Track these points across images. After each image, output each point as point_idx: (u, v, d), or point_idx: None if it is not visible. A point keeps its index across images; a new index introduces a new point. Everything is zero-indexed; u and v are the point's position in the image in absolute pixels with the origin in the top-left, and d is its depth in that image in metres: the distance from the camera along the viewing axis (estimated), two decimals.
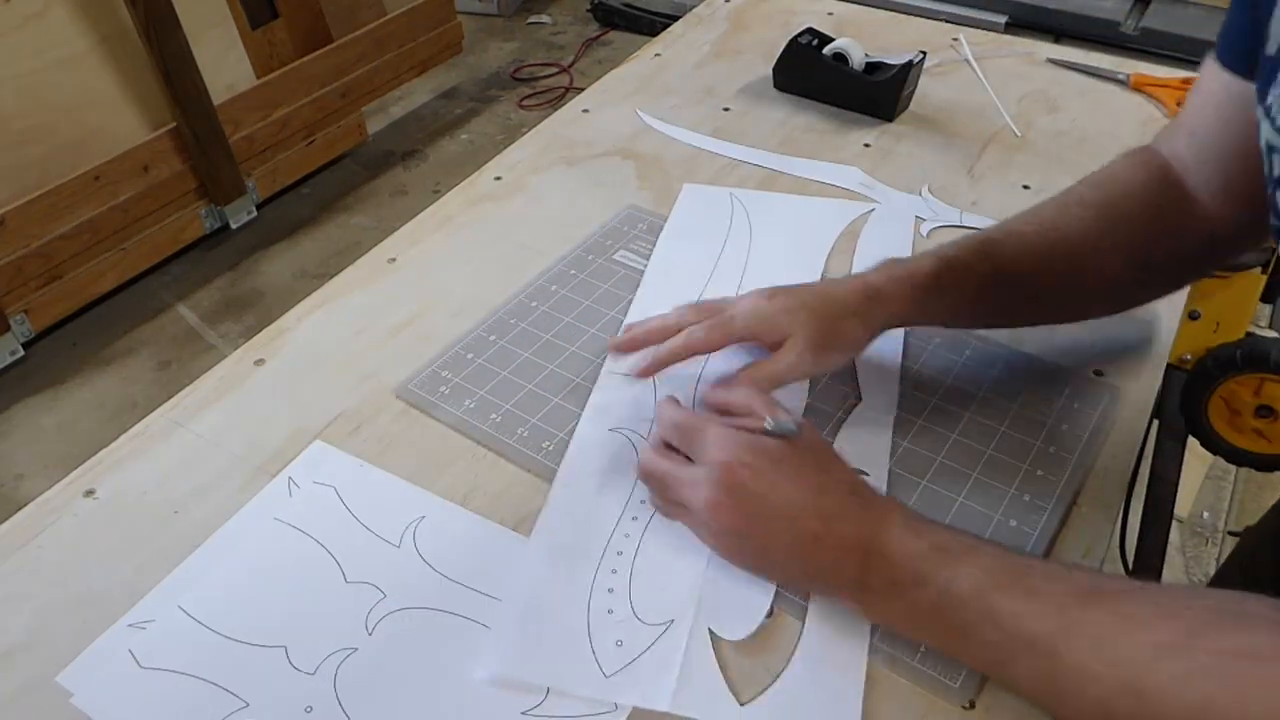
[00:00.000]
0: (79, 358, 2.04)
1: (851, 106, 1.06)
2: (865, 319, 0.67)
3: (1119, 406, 0.71)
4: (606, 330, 0.79)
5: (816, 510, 0.56)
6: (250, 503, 0.65)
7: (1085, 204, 0.69)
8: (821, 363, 0.67)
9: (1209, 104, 0.65)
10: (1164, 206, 0.67)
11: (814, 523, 0.55)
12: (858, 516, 0.55)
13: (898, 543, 0.53)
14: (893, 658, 0.55)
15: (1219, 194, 0.66)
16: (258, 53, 2.27)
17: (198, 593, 0.60)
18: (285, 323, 0.81)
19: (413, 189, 2.51)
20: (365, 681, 0.55)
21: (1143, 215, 0.68)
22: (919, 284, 0.67)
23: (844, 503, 0.56)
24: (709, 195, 0.94)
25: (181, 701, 0.54)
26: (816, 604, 0.58)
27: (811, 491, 0.56)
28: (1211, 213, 0.66)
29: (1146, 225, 0.67)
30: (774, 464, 0.57)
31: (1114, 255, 0.68)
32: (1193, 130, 0.67)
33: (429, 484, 0.66)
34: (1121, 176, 0.70)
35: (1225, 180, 0.65)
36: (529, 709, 0.54)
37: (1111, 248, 0.67)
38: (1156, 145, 0.71)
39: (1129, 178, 0.69)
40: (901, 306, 0.67)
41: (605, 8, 3.19)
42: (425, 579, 0.60)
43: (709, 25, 1.26)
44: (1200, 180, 0.67)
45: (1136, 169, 0.70)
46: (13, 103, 1.84)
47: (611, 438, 0.68)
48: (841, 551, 0.54)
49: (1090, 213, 0.68)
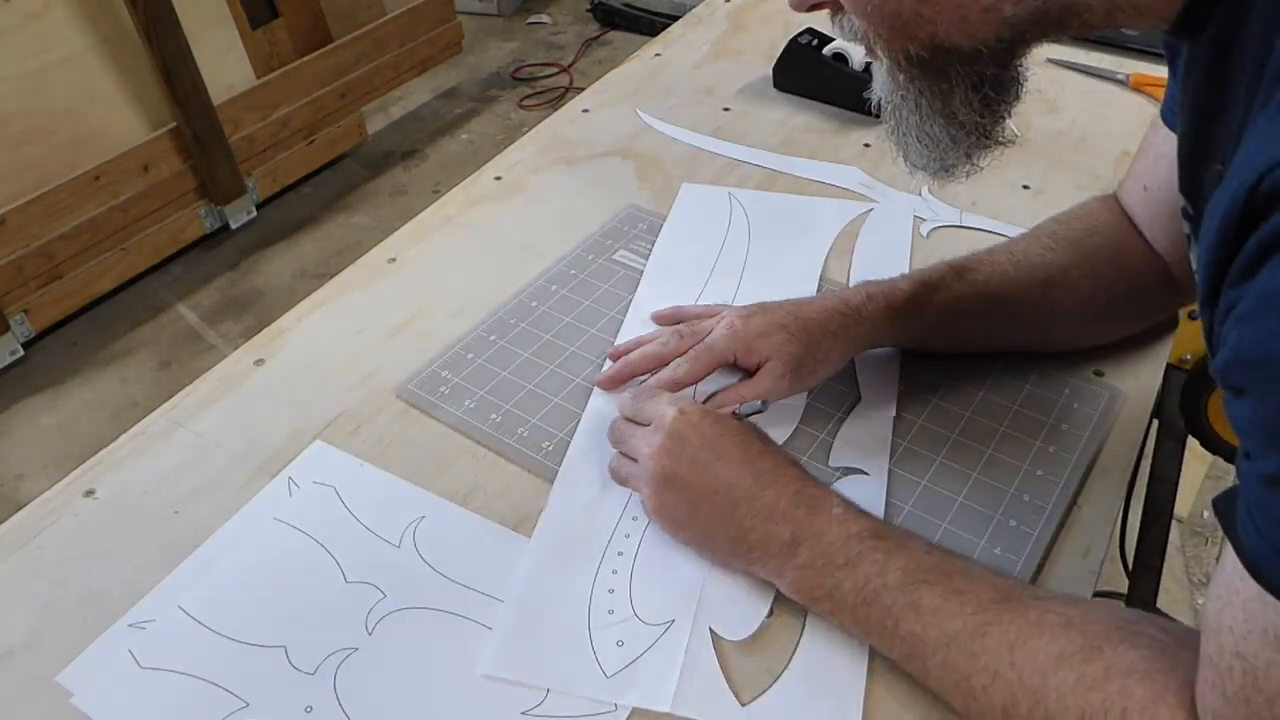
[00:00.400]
0: (79, 358, 2.04)
1: (852, 106, 1.06)
2: (842, 339, 0.69)
3: (1119, 406, 0.71)
4: (606, 330, 0.79)
5: (756, 472, 0.57)
6: (250, 503, 0.65)
7: (1055, 237, 0.73)
8: (800, 385, 0.69)
9: (1160, 163, 0.68)
10: (1125, 247, 0.72)
11: (752, 483, 0.57)
12: (797, 488, 0.57)
13: (835, 521, 0.55)
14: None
15: (1171, 245, 0.69)
16: (258, 53, 2.27)
17: (198, 593, 0.60)
18: (285, 323, 0.81)
19: (413, 189, 2.51)
20: (365, 681, 0.55)
21: (1106, 251, 0.72)
22: (895, 304, 0.70)
23: (785, 473, 0.58)
24: (708, 195, 0.94)
25: (181, 701, 0.54)
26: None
27: (755, 454, 0.59)
28: (1166, 261, 0.70)
29: (1109, 261, 0.71)
30: (722, 424, 0.60)
31: (1080, 285, 0.71)
32: (1146, 185, 0.70)
33: (429, 484, 0.66)
34: (1088, 216, 0.74)
35: (1177, 234, 0.68)
36: (529, 709, 0.54)
37: (1078, 278, 0.71)
38: (1118, 194, 0.75)
39: (1095, 217, 0.74)
40: (878, 326, 0.69)
41: (605, 8, 3.19)
42: (425, 579, 0.60)
43: (709, 25, 1.26)
44: (1154, 234, 0.71)
45: (1102, 211, 0.74)
46: (13, 103, 1.83)
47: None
48: (775, 518, 0.56)
49: (1059, 245, 0.72)
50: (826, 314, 0.69)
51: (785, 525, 0.55)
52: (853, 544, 0.54)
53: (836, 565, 0.54)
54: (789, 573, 0.55)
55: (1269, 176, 0.35)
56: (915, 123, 0.54)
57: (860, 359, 0.74)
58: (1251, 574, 0.38)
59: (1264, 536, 0.37)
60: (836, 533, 0.54)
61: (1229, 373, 0.38)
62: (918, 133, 0.54)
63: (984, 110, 0.52)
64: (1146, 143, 0.71)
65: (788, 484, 0.57)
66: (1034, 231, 0.74)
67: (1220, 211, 0.38)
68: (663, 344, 0.71)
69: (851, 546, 0.54)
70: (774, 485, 0.57)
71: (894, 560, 0.53)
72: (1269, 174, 0.35)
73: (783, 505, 0.56)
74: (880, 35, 0.50)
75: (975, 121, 0.52)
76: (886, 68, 0.53)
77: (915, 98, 0.52)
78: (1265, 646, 0.38)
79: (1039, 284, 0.71)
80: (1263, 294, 0.36)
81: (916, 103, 0.52)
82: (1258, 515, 0.38)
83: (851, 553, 0.53)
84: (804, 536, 0.55)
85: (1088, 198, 0.76)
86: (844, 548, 0.54)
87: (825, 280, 0.83)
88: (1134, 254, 0.71)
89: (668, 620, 0.57)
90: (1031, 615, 0.49)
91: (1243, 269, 0.37)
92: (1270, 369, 0.36)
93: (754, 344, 0.68)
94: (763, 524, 0.56)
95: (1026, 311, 0.71)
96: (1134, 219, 0.72)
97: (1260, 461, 0.37)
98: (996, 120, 0.53)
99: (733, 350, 0.68)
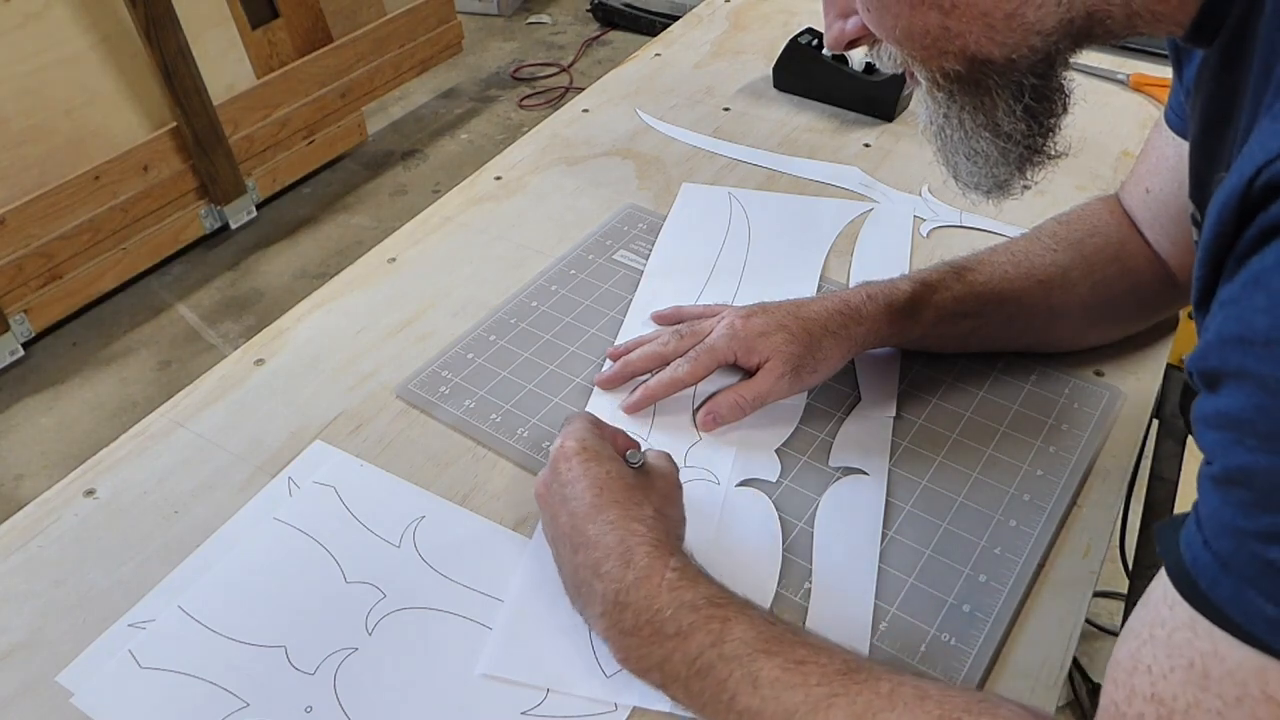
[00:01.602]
0: (79, 358, 2.04)
1: (851, 106, 1.06)
2: (843, 339, 0.68)
3: (1119, 406, 0.71)
4: (606, 330, 0.79)
5: (600, 523, 0.54)
6: (250, 503, 0.65)
7: (1056, 238, 0.73)
8: (801, 384, 0.69)
9: (1162, 165, 0.68)
10: (1126, 248, 0.72)
11: (593, 532, 0.54)
12: (629, 546, 0.53)
13: (667, 587, 0.51)
14: (893, 658, 0.55)
15: (1174, 249, 0.70)
16: (258, 53, 2.27)
17: (198, 593, 0.60)
18: (285, 323, 0.81)
19: (413, 189, 2.51)
20: (365, 681, 0.55)
21: (1106, 252, 0.71)
22: (895, 305, 0.69)
23: (630, 529, 0.53)
24: (708, 195, 0.94)
25: (181, 701, 0.54)
26: (815, 604, 0.58)
27: (607, 503, 0.55)
28: (1168, 263, 0.71)
29: (1109, 262, 0.71)
30: (591, 467, 0.56)
31: (1080, 286, 0.71)
32: (1149, 188, 0.70)
33: (429, 484, 0.66)
34: (1089, 217, 0.74)
35: (1180, 238, 0.69)
36: (529, 709, 0.54)
37: (1078, 279, 0.71)
38: (1120, 195, 0.74)
39: (1096, 218, 0.73)
40: (878, 326, 0.69)
41: (605, 8, 3.19)
42: (425, 579, 0.60)
43: (709, 25, 1.26)
44: (1155, 236, 0.71)
45: (1103, 213, 0.74)
46: (13, 102, 1.83)
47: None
48: (602, 575, 0.52)
49: (1060, 246, 0.72)
50: (827, 314, 0.69)
51: (610, 585, 0.52)
52: (684, 613, 0.50)
53: (667, 635, 0.50)
54: (615, 639, 0.52)
55: (1267, 169, 0.34)
56: (961, 139, 0.53)
57: (860, 359, 0.74)
58: (1185, 594, 0.35)
59: (1210, 547, 0.34)
60: (667, 599, 0.50)
61: (1206, 358, 0.35)
62: (965, 150, 0.53)
63: (1028, 121, 0.51)
64: (1149, 145, 0.71)
65: (624, 540, 0.53)
66: (1035, 232, 0.74)
67: (1218, 207, 0.36)
68: (663, 344, 0.71)
69: (683, 616, 0.49)
70: (609, 539, 0.53)
71: (731, 630, 0.49)
72: (1267, 166, 0.34)
73: (610, 563, 0.52)
74: (914, 56, 0.50)
75: (1021, 132, 0.52)
76: (926, 89, 0.52)
77: (958, 114, 0.52)
78: (1188, 684, 0.35)
79: (1039, 285, 0.70)
80: (1251, 276, 0.34)
81: (959, 119, 0.52)
82: (1208, 524, 0.35)
83: (684, 622, 0.49)
84: (629, 601, 0.51)
85: (1089, 198, 0.76)
86: (674, 617, 0.50)
87: (825, 280, 0.83)
88: (1135, 255, 0.71)
89: None
90: (883, 688, 0.46)
91: (1238, 260, 0.35)
92: (1249, 346, 0.33)
93: (754, 344, 0.68)
94: (589, 578, 0.53)
95: (1026, 312, 0.71)
96: (1136, 221, 0.72)
97: (1220, 459, 0.35)
98: (1044, 132, 0.53)
99: (733, 350, 0.68)
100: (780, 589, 0.59)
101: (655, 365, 0.71)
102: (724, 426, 0.69)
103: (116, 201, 2.00)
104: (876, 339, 0.70)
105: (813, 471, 0.66)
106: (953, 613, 0.57)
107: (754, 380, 0.68)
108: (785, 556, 0.61)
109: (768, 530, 0.63)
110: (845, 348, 0.69)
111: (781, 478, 0.66)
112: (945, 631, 0.56)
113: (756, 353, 0.67)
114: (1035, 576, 0.60)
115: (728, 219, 0.91)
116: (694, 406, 0.70)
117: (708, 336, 0.70)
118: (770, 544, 0.62)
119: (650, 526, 0.54)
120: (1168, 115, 0.66)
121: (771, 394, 0.68)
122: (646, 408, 0.70)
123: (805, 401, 0.72)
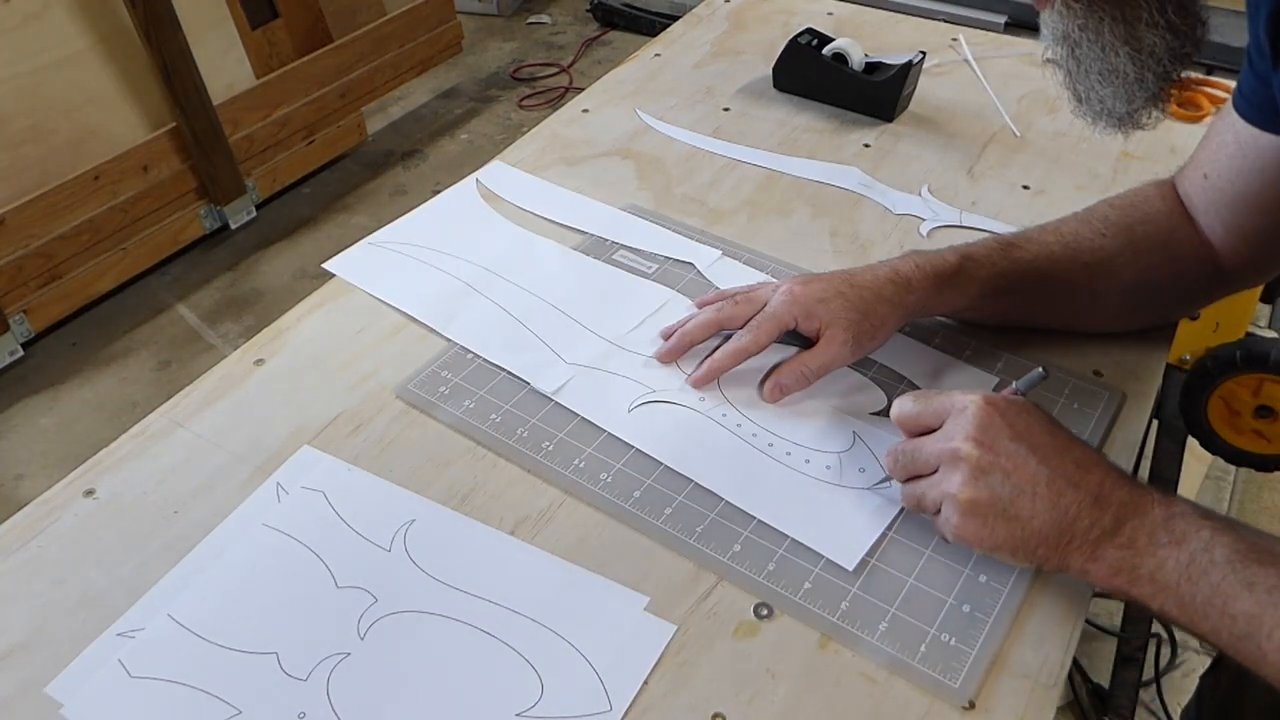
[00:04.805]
0: (79, 358, 2.04)
1: (851, 106, 1.06)
2: (896, 306, 0.69)
3: (1119, 406, 0.71)
4: None
5: (1075, 459, 0.55)
6: (238, 509, 0.65)
7: (1107, 222, 0.73)
8: (861, 350, 0.69)
9: (1224, 151, 0.68)
10: (1176, 236, 0.71)
11: (1074, 469, 0.55)
12: (1116, 473, 0.55)
13: (1158, 499, 0.53)
14: (893, 659, 0.55)
15: (1228, 236, 0.69)
16: (258, 53, 2.27)
17: (187, 600, 0.59)
18: (285, 323, 0.80)
19: (413, 189, 2.51)
20: (358, 687, 0.55)
21: (1155, 239, 0.71)
22: (942, 275, 0.70)
23: (1096, 457, 0.56)
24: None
25: (172, 710, 0.54)
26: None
27: (1065, 440, 0.56)
28: (1218, 251, 0.70)
29: (1156, 250, 0.71)
30: (1028, 413, 0.57)
31: (1125, 273, 0.71)
32: (1207, 174, 0.70)
33: (428, 484, 0.66)
34: (1142, 202, 0.73)
35: (1236, 225, 0.69)
36: (523, 710, 0.53)
37: (1123, 265, 0.71)
38: (1176, 180, 0.74)
39: (1149, 204, 0.73)
40: (925, 295, 0.70)
41: (605, 8, 3.19)
42: (416, 582, 0.60)
43: (709, 25, 1.26)
44: (1209, 222, 0.70)
45: (1156, 199, 0.73)
46: (13, 103, 1.83)
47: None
48: (1101, 502, 0.53)
49: (1110, 230, 0.72)
50: (880, 282, 0.69)
51: (1110, 507, 0.53)
52: (1177, 522, 0.52)
53: (1159, 544, 0.51)
54: (1110, 553, 0.53)
55: None
56: (1097, 55, 0.52)
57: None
58: None
59: None
60: (1160, 512, 0.52)
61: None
62: (1101, 68, 0.52)
63: (1170, 36, 0.50)
64: (1211, 130, 0.71)
65: (1106, 467, 0.55)
66: (1086, 214, 0.74)
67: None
68: (718, 309, 0.72)
69: (1176, 524, 0.52)
70: (1095, 469, 0.55)
71: (1221, 537, 0.50)
72: None
73: (1107, 487, 0.54)
74: None
75: (1161, 48, 0.50)
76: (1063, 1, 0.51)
77: (1097, 25, 0.51)
78: None
79: (1084, 268, 0.71)
80: None
81: (1098, 31, 0.51)
82: None
83: (1176, 531, 0.51)
84: (1127, 516, 0.53)
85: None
86: (1167, 526, 0.52)
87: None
88: (1183, 244, 0.71)
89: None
90: None
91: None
92: None
93: (814, 309, 0.68)
94: (1089, 510, 0.53)
95: (1068, 293, 0.72)
96: (1190, 206, 0.72)
97: None
98: (1183, 54, 0.51)
99: (793, 315, 0.69)
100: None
101: (712, 333, 0.72)
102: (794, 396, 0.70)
103: (116, 201, 2.00)
104: (924, 309, 0.71)
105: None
106: (953, 613, 0.57)
107: (817, 349, 0.68)
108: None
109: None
110: (899, 315, 0.70)
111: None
112: (945, 631, 0.56)
113: (816, 317, 0.68)
114: (1035, 576, 0.59)
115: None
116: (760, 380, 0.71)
117: (767, 304, 0.70)
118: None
119: (1100, 452, 0.57)
120: (1236, 100, 0.65)
121: (835, 362, 0.68)
122: (713, 381, 0.71)
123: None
